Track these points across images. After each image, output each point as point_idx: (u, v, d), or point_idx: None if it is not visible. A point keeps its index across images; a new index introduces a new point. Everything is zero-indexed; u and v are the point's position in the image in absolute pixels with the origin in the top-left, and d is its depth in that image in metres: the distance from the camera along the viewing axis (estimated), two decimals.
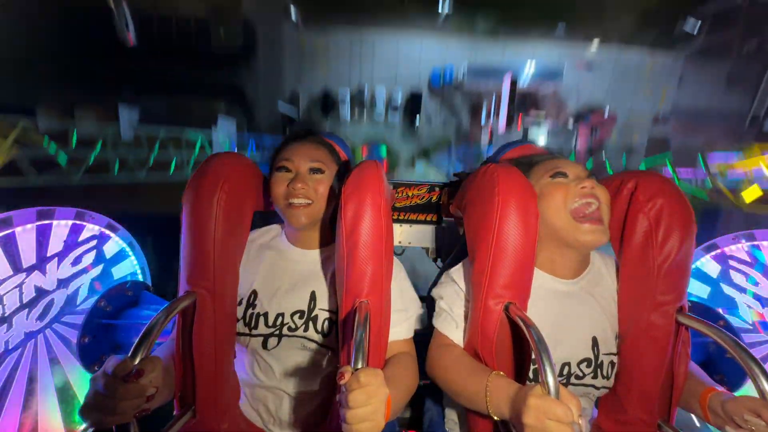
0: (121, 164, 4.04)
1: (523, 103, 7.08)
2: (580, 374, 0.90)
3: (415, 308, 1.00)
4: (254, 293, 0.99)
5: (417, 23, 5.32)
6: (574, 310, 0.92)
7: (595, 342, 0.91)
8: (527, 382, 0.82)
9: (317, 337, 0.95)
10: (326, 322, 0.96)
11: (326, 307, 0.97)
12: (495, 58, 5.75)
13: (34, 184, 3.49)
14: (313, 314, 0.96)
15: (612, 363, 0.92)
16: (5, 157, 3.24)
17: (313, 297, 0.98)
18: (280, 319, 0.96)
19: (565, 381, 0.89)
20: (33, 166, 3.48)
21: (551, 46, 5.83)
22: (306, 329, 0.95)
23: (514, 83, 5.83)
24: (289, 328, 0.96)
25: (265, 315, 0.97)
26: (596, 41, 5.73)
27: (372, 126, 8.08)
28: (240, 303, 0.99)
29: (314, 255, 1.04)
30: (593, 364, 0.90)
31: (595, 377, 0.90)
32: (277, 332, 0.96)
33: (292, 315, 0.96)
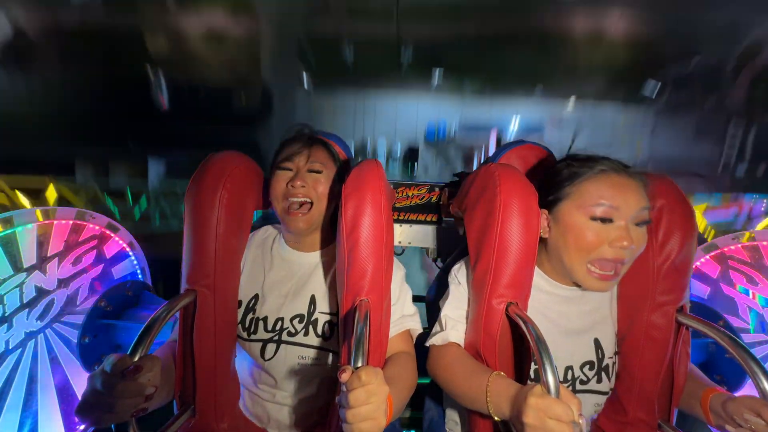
0: (161, 216, 4.57)
1: None
2: (585, 378, 0.89)
3: (411, 306, 1.00)
4: (255, 298, 0.99)
5: (413, 86, 6.07)
6: (577, 313, 0.92)
7: (598, 344, 0.91)
8: (528, 382, 0.82)
9: (317, 342, 0.95)
10: (326, 325, 0.96)
11: (326, 310, 0.97)
12: (483, 115, 6.41)
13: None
14: (312, 318, 0.96)
15: (614, 363, 0.93)
16: None
17: (312, 301, 0.97)
18: (279, 323, 0.96)
19: (570, 386, 0.88)
20: None
21: (532, 104, 6.37)
22: (306, 333, 0.95)
23: (499, 140, 6.43)
24: (289, 333, 0.95)
25: (265, 319, 0.96)
26: (572, 99, 6.14)
27: None
28: (240, 306, 0.99)
29: (314, 257, 1.03)
30: (596, 366, 0.90)
31: (599, 381, 0.90)
32: (276, 338, 0.95)
33: (291, 319, 0.96)
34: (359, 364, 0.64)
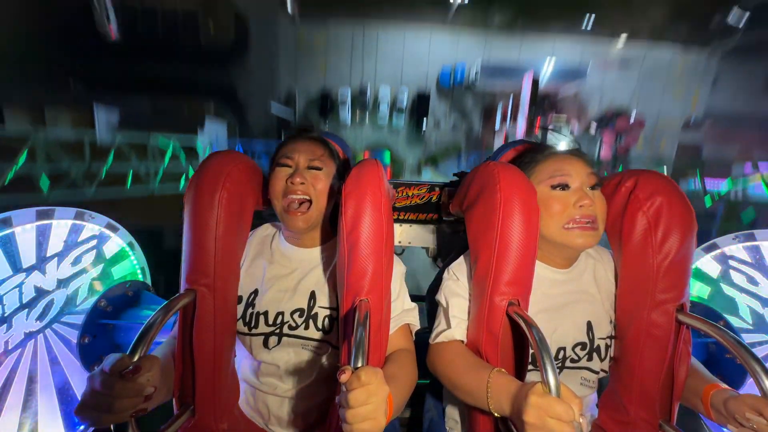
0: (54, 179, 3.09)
1: (541, 106, 6.15)
2: (576, 357, 0.91)
3: (410, 302, 1.00)
4: (255, 293, 1.00)
5: (425, 16, 4.70)
6: (568, 296, 0.94)
7: (589, 327, 0.93)
8: (527, 373, 0.83)
9: (318, 335, 0.95)
10: (326, 319, 0.96)
11: (326, 305, 0.97)
12: (511, 55, 5.13)
13: None
14: (312, 312, 0.96)
15: (607, 345, 0.94)
16: None
17: (312, 296, 0.98)
18: (280, 317, 0.96)
19: (560, 365, 0.90)
20: None
21: (574, 42, 5.15)
22: (306, 327, 0.95)
23: (536, 83, 5.01)
24: (290, 327, 0.96)
25: (265, 314, 0.97)
26: (623, 37, 4.99)
27: (375, 130, 7.36)
28: (240, 301, 0.99)
29: (314, 253, 1.04)
30: (588, 347, 0.92)
31: (590, 359, 0.91)
32: (278, 331, 0.96)
33: (291, 313, 0.96)
34: (359, 365, 0.63)
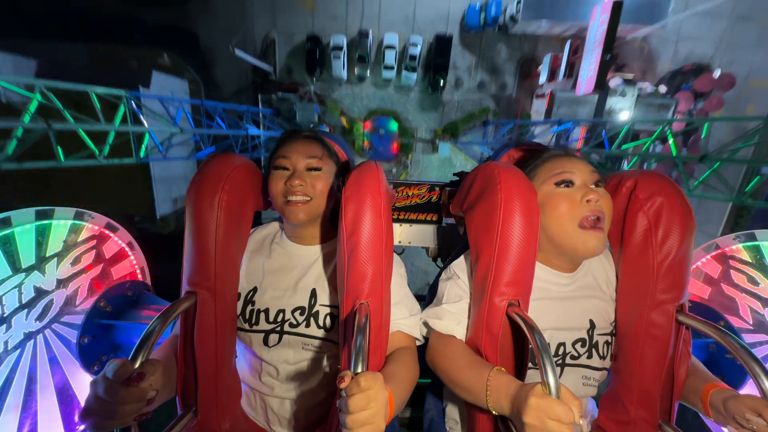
0: None
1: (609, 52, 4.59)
2: (576, 354, 0.91)
3: (415, 304, 1.00)
4: (254, 290, 1.00)
5: None
6: (571, 292, 0.94)
7: (592, 324, 0.93)
8: (527, 374, 0.83)
9: (319, 333, 0.96)
10: (327, 318, 0.96)
11: (327, 303, 0.97)
12: None
13: None
14: (314, 310, 0.96)
15: (607, 343, 0.94)
16: None
17: (313, 294, 0.98)
18: (281, 315, 0.96)
19: (560, 361, 0.90)
20: None
21: None
22: (307, 325, 0.96)
23: (617, 7, 3.38)
24: (291, 325, 0.96)
25: (266, 311, 0.97)
26: None
27: (378, 89, 5.83)
28: (238, 299, 0.99)
29: (315, 250, 1.04)
30: (587, 344, 0.92)
31: (590, 357, 0.91)
32: (278, 329, 0.96)
33: (293, 311, 0.96)
34: (359, 369, 0.64)
